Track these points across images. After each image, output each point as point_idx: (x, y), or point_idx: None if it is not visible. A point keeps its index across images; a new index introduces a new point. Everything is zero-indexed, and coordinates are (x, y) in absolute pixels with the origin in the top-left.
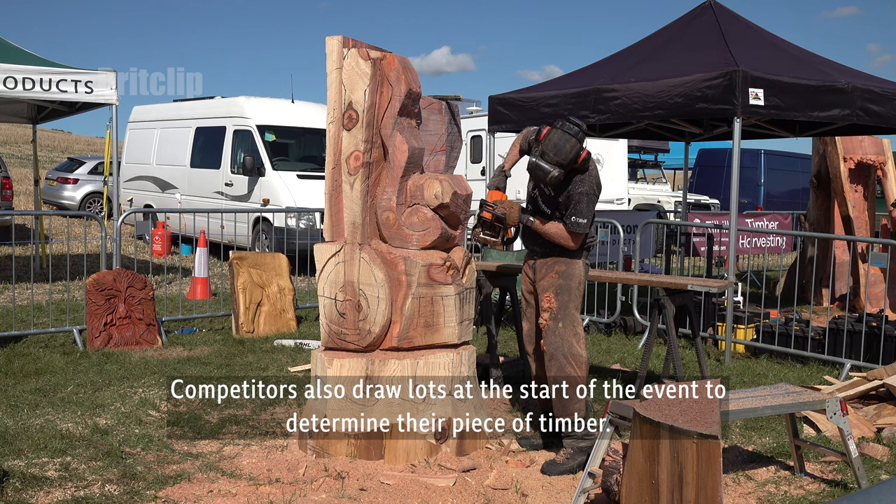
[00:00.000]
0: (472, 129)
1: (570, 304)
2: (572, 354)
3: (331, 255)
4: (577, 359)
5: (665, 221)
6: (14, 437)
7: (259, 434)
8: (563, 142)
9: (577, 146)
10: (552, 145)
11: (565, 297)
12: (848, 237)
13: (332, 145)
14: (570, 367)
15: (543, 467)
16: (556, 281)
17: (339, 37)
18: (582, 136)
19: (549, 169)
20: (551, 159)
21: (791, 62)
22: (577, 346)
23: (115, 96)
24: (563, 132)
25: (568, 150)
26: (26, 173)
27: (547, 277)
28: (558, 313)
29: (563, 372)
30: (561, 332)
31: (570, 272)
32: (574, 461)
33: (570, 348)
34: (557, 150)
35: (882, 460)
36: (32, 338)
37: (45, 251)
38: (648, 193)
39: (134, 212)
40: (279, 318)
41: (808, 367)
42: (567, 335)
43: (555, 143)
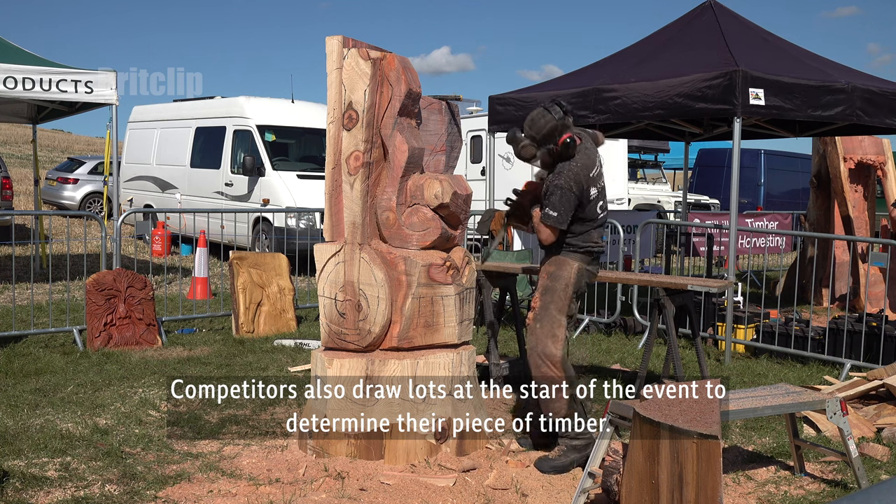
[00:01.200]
0: (472, 129)
1: (550, 305)
2: (546, 354)
3: (331, 255)
4: (550, 358)
5: (665, 221)
6: (14, 437)
7: (259, 434)
8: (539, 116)
9: (553, 123)
10: (530, 119)
11: (547, 298)
12: (848, 237)
13: (332, 145)
14: (545, 366)
15: (536, 463)
16: (544, 281)
17: (339, 37)
18: (561, 117)
19: (521, 138)
20: (526, 133)
21: (791, 62)
22: (553, 346)
23: (115, 96)
24: (544, 109)
25: (542, 124)
26: (26, 173)
27: (540, 278)
28: (539, 313)
29: (538, 371)
30: (538, 333)
31: (558, 273)
32: (566, 458)
33: (545, 348)
34: (532, 124)
35: (882, 460)
36: (32, 338)
37: (45, 251)
38: (648, 193)
39: (134, 212)
40: (279, 318)
41: (808, 367)
42: (543, 336)
43: (532, 117)
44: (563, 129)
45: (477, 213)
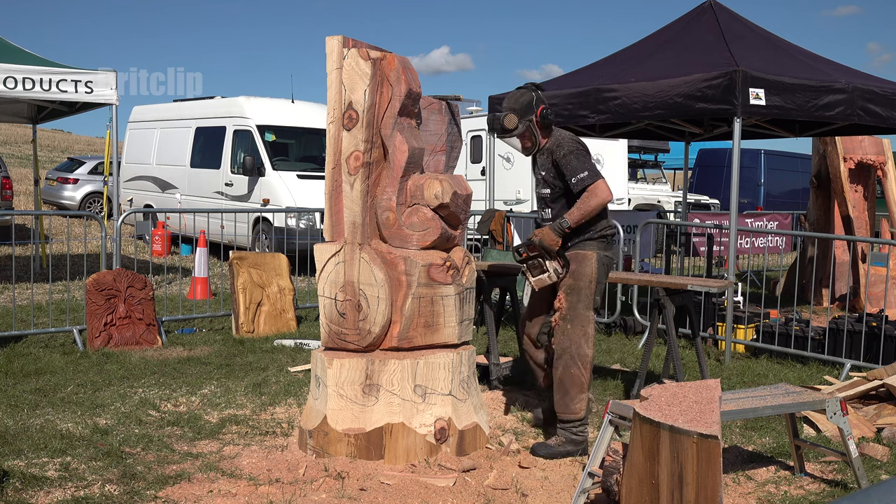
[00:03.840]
0: (472, 129)
1: (578, 304)
2: (580, 355)
3: (331, 255)
4: (583, 359)
5: (665, 221)
6: (14, 437)
7: (259, 434)
8: (516, 92)
9: (530, 95)
10: (508, 97)
11: (574, 299)
12: (848, 237)
13: (332, 145)
14: (576, 367)
15: (533, 447)
16: (567, 281)
17: (339, 37)
18: (536, 92)
19: (504, 113)
20: (506, 106)
21: (791, 62)
22: (586, 345)
23: (115, 96)
24: (518, 88)
25: (519, 95)
26: (26, 173)
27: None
28: (567, 313)
29: (567, 372)
30: (570, 333)
31: (581, 271)
32: (564, 448)
33: (578, 349)
34: (510, 98)
35: (882, 460)
36: (32, 338)
37: (45, 251)
38: (648, 193)
39: (134, 212)
40: (279, 318)
41: (808, 367)
42: (576, 335)
43: (510, 94)
44: (538, 101)
45: (477, 213)
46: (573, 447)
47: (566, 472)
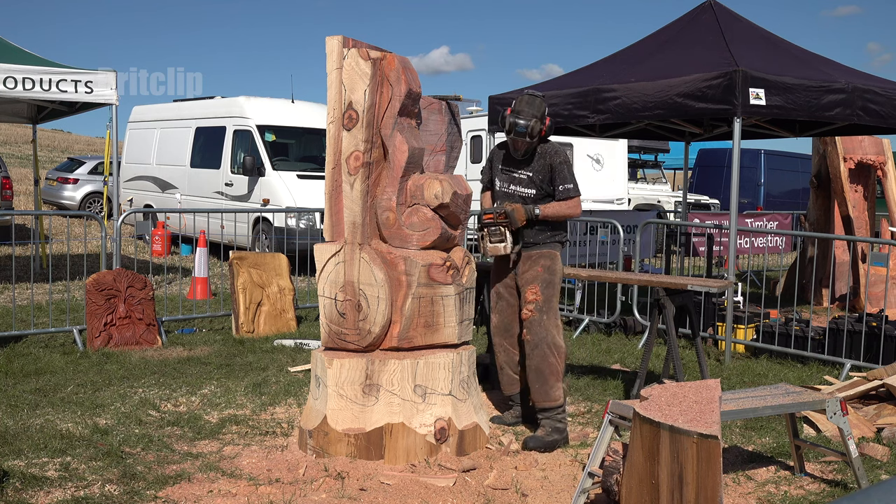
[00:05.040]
0: (472, 129)
1: (553, 297)
2: (555, 345)
3: (331, 255)
4: (558, 349)
5: (665, 221)
6: (14, 437)
7: (259, 434)
8: (532, 100)
9: (545, 106)
10: (525, 104)
11: (550, 292)
12: (848, 237)
13: (332, 145)
14: (553, 356)
15: (525, 441)
16: (542, 274)
17: (339, 37)
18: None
19: (528, 121)
20: (528, 114)
21: (791, 62)
22: (558, 336)
23: (115, 96)
24: (529, 95)
25: (538, 104)
26: (26, 173)
27: (531, 270)
28: (543, 305)
29: (545, 361)
30: (545, 324)
31: (554, 267)
32: (552, 437)
33: (553, 339)
34: (531, 105)
35: (882, 460)
36: (32, 338)
37: (45, 251)
38: (648, 193)
39: (134, 212)
40: (279, 318)
41: (808, 367)
42: (550, 327)
43: (526, 102)
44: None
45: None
46: (558, 436)
47: (566, 472)
